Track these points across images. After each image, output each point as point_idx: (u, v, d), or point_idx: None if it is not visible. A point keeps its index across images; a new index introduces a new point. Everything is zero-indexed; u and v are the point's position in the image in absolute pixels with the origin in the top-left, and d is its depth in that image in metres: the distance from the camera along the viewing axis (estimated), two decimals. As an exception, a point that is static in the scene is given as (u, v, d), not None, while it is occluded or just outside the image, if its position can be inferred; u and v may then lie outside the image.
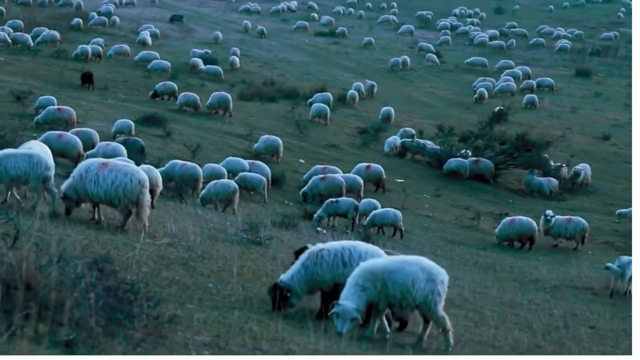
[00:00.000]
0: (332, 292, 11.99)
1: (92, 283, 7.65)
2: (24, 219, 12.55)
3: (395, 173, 38.88)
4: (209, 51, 65.59)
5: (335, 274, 11.85)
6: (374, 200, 29.26)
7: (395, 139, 44.18)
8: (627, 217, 32.98)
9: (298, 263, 12.15)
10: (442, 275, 11.16)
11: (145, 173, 21.13)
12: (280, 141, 37.45)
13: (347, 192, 31.17)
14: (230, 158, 32.76)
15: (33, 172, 15.75)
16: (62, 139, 27.19)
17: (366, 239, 22.82)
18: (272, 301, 11.98)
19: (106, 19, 74.69)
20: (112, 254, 12.28)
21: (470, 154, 42.38)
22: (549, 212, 29.21)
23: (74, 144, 27.38)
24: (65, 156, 27.32)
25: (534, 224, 28.40)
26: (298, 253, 13.10)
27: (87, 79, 47.83)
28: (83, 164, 16.50)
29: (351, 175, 33.16)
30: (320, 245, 12.30)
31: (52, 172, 16.19)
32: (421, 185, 38.07)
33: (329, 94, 52.94)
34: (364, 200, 29.34)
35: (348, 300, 10.66)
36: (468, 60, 75.82)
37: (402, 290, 10.86)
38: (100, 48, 58.46)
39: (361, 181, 32.53)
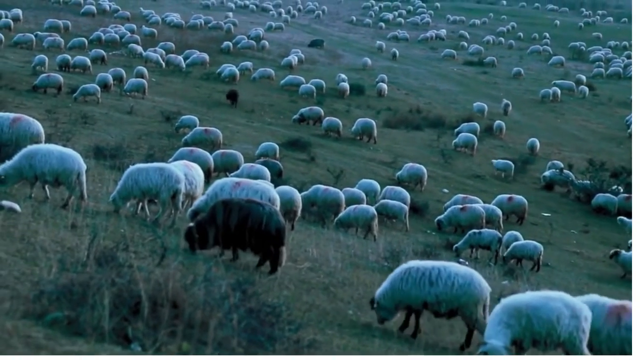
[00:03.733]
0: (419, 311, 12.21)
1: (235, 304, 7.65)
2: (171, 237, 12.80)
3: (541, 207, 37.96)
4: (343, 77, 65.52)
5: (422, 292, 11.88)
6: (516, 233, 28.74)
7: (505, 163, 43.82)
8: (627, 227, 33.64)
9: (388, 278, 12.37)
10: (586, 311, 10.69)
11: (286, 194, 21.53)
12: (425, 170, 37.17)
13: (486, 223, 30.64)
14: (364, 180, 32.78)
15: (165, 185, 16.09)
16: (193, 154, 27.66)
17: (510, 272, 22.40)
18: None
19: (255, 42, 76.40)
20: (254, 275, 12.37)
21: (622, 190, 40.92)
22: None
23: (205, 159, 27.72)
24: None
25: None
26: None
27: (232, 97, 49.25)
28: (218, 183, 16.97)
29: (490, 205, 32.64)
30: (412, 263, 12.39)
31: (183, 185, 16.48)
32: (569, 220, 36.96)
33: (476, 123, 52.22)
34: (506, 233, 28.83)
35: (494, 339, 10.31)
36: (556, 81, 74.34)
37: (548, 327, 10.45)
38: (236, 70, 59.47)
39: (500, 212, 32.02)
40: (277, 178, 28.85)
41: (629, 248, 28.98)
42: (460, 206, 31.49)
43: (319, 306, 12.40)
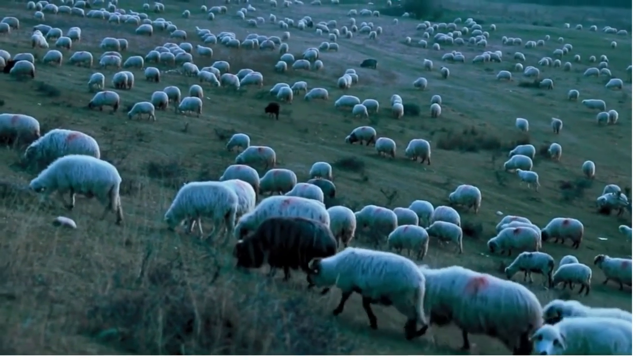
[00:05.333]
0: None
1: (288, 324, 7.60)
2: (224, 255, 12.80)
3: (598, 231, 37.38)
4: (398, 98, 65.30)
5: (355, 278, 12.45)
6: (572, 257, 28.57)
7: (530, 174, 43.75)
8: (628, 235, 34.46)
9: (336, 255, 13.03)
10: None
11: (341, 215, 21.56)
12: (479, 191, 36.89)
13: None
14: (417, 201, 32.64)
15: (218, 203, 16.25)
16: (239, 171, 28.67)
17: (565, 297, 22.02)
18: None
19: (309, 62, 76.62)
20: (306, 295, 12.34)
21: (680, 215, 40.20)
22: None
23: (250, 175, 28.22)
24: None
25: None
26: None
27: (272, 109, 50.22)
28: (267, 201, 17.19)
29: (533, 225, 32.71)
30: (356, 250, 12.95)
31: (236, 205, 16.54)
32: (627, 245, 36.31)
33: (531, 146, 51.80)
34: (563, 257, 28.68)
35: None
36: (586, 100, 73.63)
37: (604, 354, 10.19)
38: (290, 90, 59.55)
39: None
40: (330, 198, 28.83)
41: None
42: (514, 229, 31.23)
43: (371, 326, 12.39)
